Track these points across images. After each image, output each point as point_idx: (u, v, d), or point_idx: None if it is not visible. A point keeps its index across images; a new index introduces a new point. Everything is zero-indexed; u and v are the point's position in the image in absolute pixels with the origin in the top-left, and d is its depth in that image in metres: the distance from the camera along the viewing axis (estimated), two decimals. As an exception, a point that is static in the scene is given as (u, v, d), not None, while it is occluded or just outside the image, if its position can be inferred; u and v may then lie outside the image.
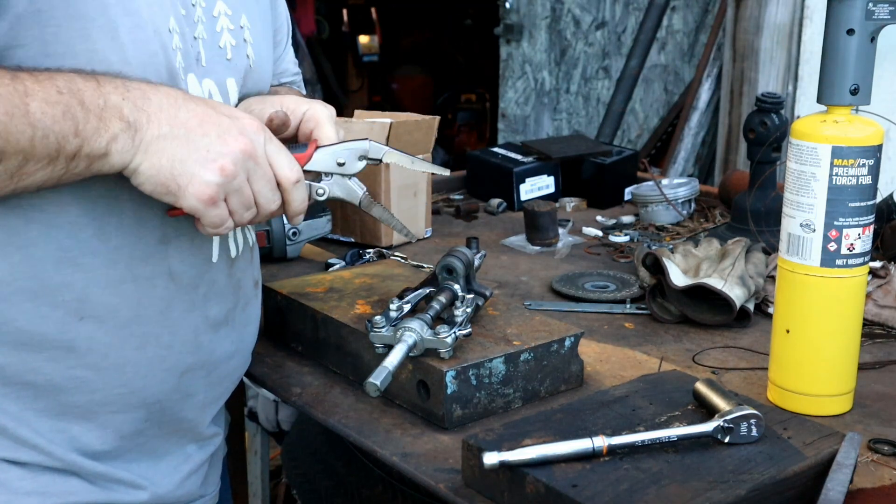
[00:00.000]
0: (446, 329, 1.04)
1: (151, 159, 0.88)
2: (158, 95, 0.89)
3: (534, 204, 1.78)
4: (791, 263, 1.07)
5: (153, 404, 1.01)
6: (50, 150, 0.83)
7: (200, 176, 0.89)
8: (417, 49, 7.19)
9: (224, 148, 0.90)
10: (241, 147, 0.91)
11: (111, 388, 0.97)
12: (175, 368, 1.02)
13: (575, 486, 0.83)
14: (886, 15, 1.01)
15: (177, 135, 0.88)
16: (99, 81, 0.86)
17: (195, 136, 0.89)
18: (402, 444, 1.03)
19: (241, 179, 0.92)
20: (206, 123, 0.90)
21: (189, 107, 0.90)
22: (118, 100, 0.86)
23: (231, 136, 0.91)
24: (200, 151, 0.89)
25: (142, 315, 0.97)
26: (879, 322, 1.37)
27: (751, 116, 1.70)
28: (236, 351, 1.12)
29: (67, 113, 0.83)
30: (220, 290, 1.06)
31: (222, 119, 0.91)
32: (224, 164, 0.90)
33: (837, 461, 0.89)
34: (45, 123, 0.82)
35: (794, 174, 1.05)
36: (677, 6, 3.79)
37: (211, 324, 1.05)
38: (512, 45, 4.19)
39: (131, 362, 0.98)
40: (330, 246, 1.75)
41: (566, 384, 1.15)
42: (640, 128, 3.96)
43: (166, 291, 0.99)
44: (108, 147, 0.86)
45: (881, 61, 1.05)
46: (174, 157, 0.88)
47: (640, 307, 1.44)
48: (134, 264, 0.96)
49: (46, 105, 0.82)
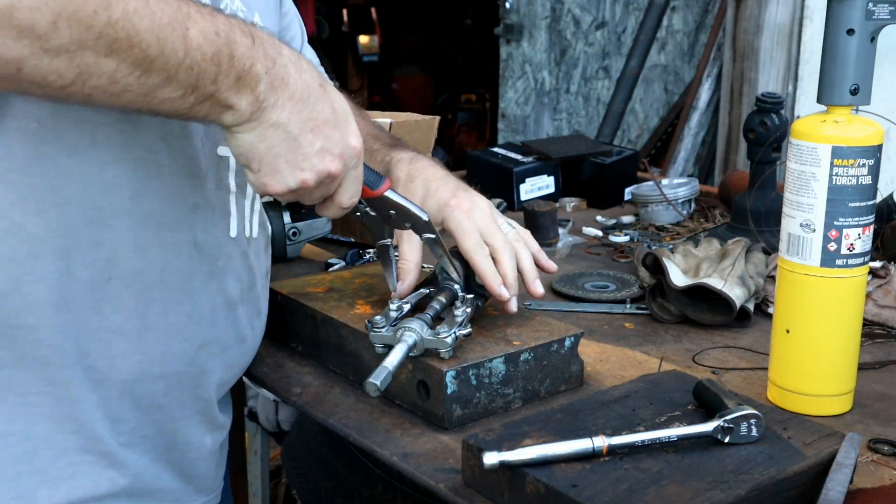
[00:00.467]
0: (446, 329, 1.04)
1: (253, 138, 0.88)
2: (299, 83, 0.89)
3: (534, 204, 1.78)
4: (791, 263, 1.07)
5: (171, 376, 1.01)
6: (188, 83, 0.81)
7: (280, 176, 0.90)
8: (417, 49, 7.20)
9: (319, 164, 0.91)
10: (331, 169, 0.92)
11: (132, 353, 0.97)
12: (193, 339, 1.02)
13: (575, 486, 0.83)
14: (886, 15, 1.01)
15: (288, 130, 0.89)
16: (254, 40, 0.85)
17: (303, 140, 0.89)
18: (402, 444, 1.03)
19: (311, 191, 0.93)
20: (319, 132, 0.90)
21: (317, 106, 0.90)
22: (261, 71, 0.85)
23: (330, 155, 0.91)
24: (297, 157, 0.90)
25: (165, 281, 0.98)
26: (879, 322, 1.37)
27: (751, 116, 1.69)
28: (247, 336, 1.12)
29: (216, 57, 0.82)
30: (237, 266, 1.07)
31: (335, 133, 0.92)
32: (307, 178, 0.91)
33: (837, 461, 0.89)
34: (195, 56, 0.80)
35: (794, 174, 1.05)
36: (677, 6, 3.79)
37: (227, 300, 1.06)
38: (512, 45, 4.19)
39: (153, 328, 0.98)
40: (330, 246, 1.75)
41: (566, 384, 1.15)
42: (640, 128, 3.96)
43: (190, 260, 1.00)
44: (232, 103, 0.85)
45: (881, 61, 1.05)
46: (272, 148, 0.89)
47: (640, 307, 1.44)
48: (163, 230, 0.97)
49: (203, 39, 0.81)
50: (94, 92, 0.78)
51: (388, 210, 1.06)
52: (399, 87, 6.98)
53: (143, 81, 0.79)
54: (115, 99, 0.80)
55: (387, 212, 1.06)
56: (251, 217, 1.10)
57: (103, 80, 0.77)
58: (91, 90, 0.78)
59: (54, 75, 0.75)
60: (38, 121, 0.88)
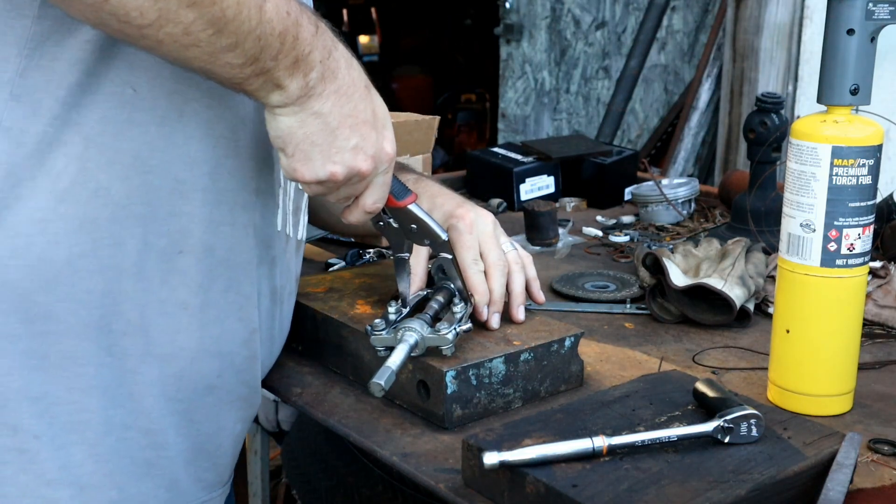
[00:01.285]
0: (446, 326, 1.04)
1: (293, 122, 0.91)
2: (346, 79, 0.92)
3: (534, 204, 1.78)
4: (791, 263, 1.07)
5: (226, 356, 1.03)
6: (252, 53, 0.84)
7: (312, 165, 0.93)
8: (417, 49, 7.20)
9: (351, 160, 0.94)
10: (362, 168, 0.95)
11: (193, 329, 0.99)
12: (248, 321, 1.04)
13: (575, 486, 0.83)
14: (886, 15, 1.01)
15: (328, 122, 0.91)
16: (318, 28, 0.88)
17: (340, 133, 0.92)
18: (402, 444, 1.03)
19: (338, 186, 0.96)
20: (356, 129, 0.93)
21: (359, 105, 0.93)
22: (317, 59, 0.88)
23: (363, 154, 0.94)
24: (332, 149, 0.93)
25: (231, 260, 1.00)
26: (879, 322, 1.37)
27: (751, 116, 1.69)
28: (279, 336, 1.15)
29: (283, 35, 0.84)
30: (281, 260, 1.09)
31: (372, 134, 0.94)
32: (338, 171, 0.94)
33: (837, 461, 0.89)
34: (266, 28, 0.83)
35: (794, 174, 1.05)
36: (677, 6, 3.79)
37: (272, 291, 1.08)
38: (512, 45, 4.19)
39: (214, 304, 1.00)
40: (330, 246, 1.75)
41: (566, 384, 1.15)
42: (640, 128, 3.96)
43: (250, 242, 1.02)
44: (284, 84, 0.88)
45: (881, 61, 1.05)
46: (308, 136, 0.92)
47: (640, 307, 1.44)
48: (234, 209, 0.99)
49: (276, 14, 0.83)
50: (167, 39, 0.81)
51: (409, 223, 1.08)
52: (399, 87, 6.98)
53: (213, 40, 0.82)
54: (183, 51, 0.82)
55: (408, 225, 1.08)
56: (297, 216, 1.12)
57: (178, 29, 0.80)
58: (164, 36, 0.80)
59: (136, 12, 0.78)
60: (133, 88, 0.91)
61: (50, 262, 0.90)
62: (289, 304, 1.17)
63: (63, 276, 0.91)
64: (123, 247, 0.93)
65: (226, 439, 1.08)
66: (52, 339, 0.91)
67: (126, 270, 0.93)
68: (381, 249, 1.69)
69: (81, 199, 0.90)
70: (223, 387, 1.04)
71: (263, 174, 1.02)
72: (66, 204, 0.90)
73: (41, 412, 0.92)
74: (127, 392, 0.96)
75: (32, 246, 0.89)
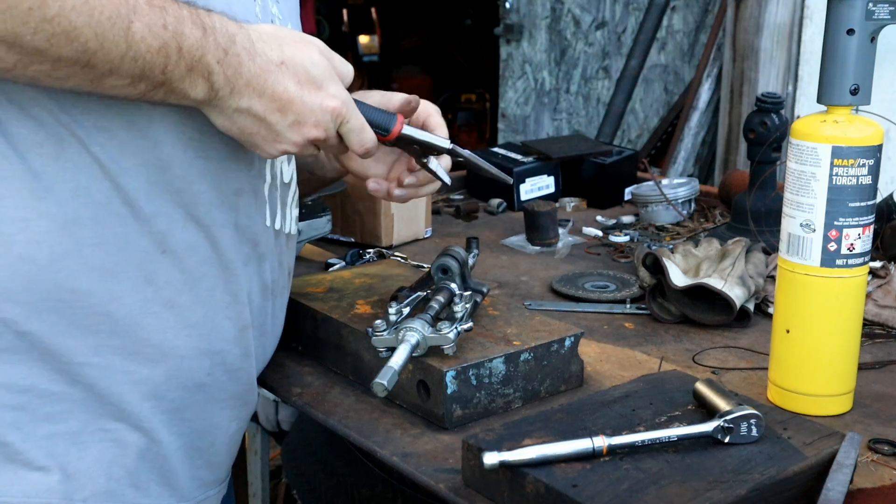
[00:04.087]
0: (448, 325, 1.04)
1: (224, 121, 0.93)
2: (253, 70, 0.91)
3: (534, 204, 1.78)
4: (791, 263, 1.07)
5: (217, 354, 1.03)
6: (134, 73, 0.85)
7: (263, 149, 0.96)
8: (417, 49, 7.19)
9: (296, 136, 0.95)
10: (312, 136, 0.95)
11: (181, 328, 0.99)
12: (237, 319, 1.04)
13: (575, 486, 0.83)
14: (886, 15, 1.01)
15: (255, 114, 0.92)
16: (205, 32, 0.88)
17: (272, 120, 0.93)
18: (402, 444, 1.03)
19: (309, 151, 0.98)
20: (286, 109, 0.93)
21: (277, 88, 0.92)
22: (213, 62, 0.88)
23: (307, 125, 0.95)
24: (272, 134, 0.94)
25: (213, 259, 1.01)
26: (879, 322, 1.37)
27: (751, 116, 1.69)
28: (273, 331, 1.15)
29: (163, 50, 0.85)
30: (270, 256, 1.09)
31: (304, 105, 0.94)
32: (289, 149, 0.96)
33: (837, 461, 0.89)
34: (140, 49, 0.83)
35: (794, 174, 1.05)
36: (677, 6, 3.79)
37: (263, 288, 1.09)
38: (512, 45, 4.19)
39: (201, 302, 1.00)
40: (330, 246, 1.75)
41: (566, 384, 1.15)
42: (640, 128, 3.96)
43: (233, 241, 1.02)
44: (188, 93, 0.89)
45: (881, 61, 1.05)
46: (244, 129, 0.93)
47: (640, 307, 1.44)
48: (212, 209, 0.99)
49: (148, 32, 0.84)
50: (39, 76, 0.83)
51: (411, 146, 1.09)
52: (399, 87, 6.96)
53: (86, 72, 0.83)
54: (62, 83, 0.84)
55: (410, 147, 1.09)
56: (285, 210, 1.12)
57: (45, 66, 0.81)
58: (35, 74, 0.82)
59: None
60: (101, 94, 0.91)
61: (31, 262, 0.90)
62: (282, 298, 1.17)
63: (46, 276, 0.91)
64: (105, 247, 0.93)
65: (220, 437, 1.09)
66: (35, 339, 0.92)
67: (110, 270, 0.94)
68: (381, 249, 1.69)
69: (62, 199, 0.91)
70: (215, 385, 1.04)
71: (240, 173, 1.02)
72: (46, 203, 0.90)
73: (24, 404, 0.93)
74: (115, 392, 0.97)
75: (13, 245, 0.89)
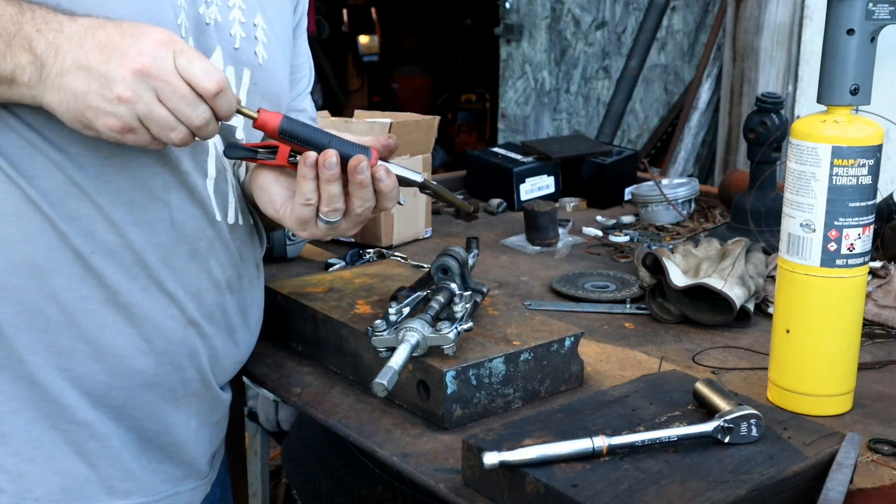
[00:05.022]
0: (448, 325, 1.04)
1: (59, 96, 0.88)
2: (74, 26, 0.87)
3: (534, 204, 1.78)
4: (791, 263, 1.07)
5: (162, 353, 1.02)
6: None
7: (102, 108, 0.87)
8: (417, 49, 7.18)
9: (121, 72, 0.86)
10: (137, 68, 0.87)
11: (121, 327, 0.99)
12: (180, 318, 1.03)
13: (575, 486, 0.83)
14: (886, 15, 1.01)
15: (80, 66, 0.87)
16: (21, 8, 0.86)
17: (95, 65, 0.87)
18: (402, 444, 1.03)
19: (147, 101, 0.88)
20: (108, 49, 0.87)
21: (98, 35, 0.87)
22: (32, 31, 0.86)
23: (129, 57, 0.87)
24: (100, 81, 0.87)
25: (145, 259, 1.00)
26: (879, 322, 1.37)
27: (751, 116, 1.70)
28: (238, 328, 1.13)
29: None
30: (220, 251, 1.07)
31: (125, 40, 0.87)
32: (120, 91, 0.86)
33: (837, 461, 0.89)
34: None
35: (794, 174, 1.05)
36: (677, 6, 3.79)
37: (213, 284, 1.07)
38: (512, 45, 4.19)
39: (138, 304, 1.00)
40: (330, 246, 1.75)
41: (566, 384, 1.15)
42: (640, 128, 3.96)
43: (168, 239, 1.01)
44: (14, 75, 0.86)
45: (881, 61, 1.05)
46: (77, 92, 0.87)
47: (640, 307, 1.44)
48: (136, 208, 0.98)
49: None
50: None
51: None
52: (399, 87, 6.97)
53: None
54: None
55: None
56: (233, 203, 1.10)
57: None
58: None
59: None
60: None
61: None
62: (249, 291, 1.14)
63: None
64: (34, 243, 0.94)
65: (181, 434, 1.08)
66: None
67: (40, 267, 0.94)
68: (381, 249, 1.69)
69: None
70: (163, 384, 1.04)
71: (168, 169, 1.00)
72: None
73: None
74: (56, 390, 0.97)
75: None
